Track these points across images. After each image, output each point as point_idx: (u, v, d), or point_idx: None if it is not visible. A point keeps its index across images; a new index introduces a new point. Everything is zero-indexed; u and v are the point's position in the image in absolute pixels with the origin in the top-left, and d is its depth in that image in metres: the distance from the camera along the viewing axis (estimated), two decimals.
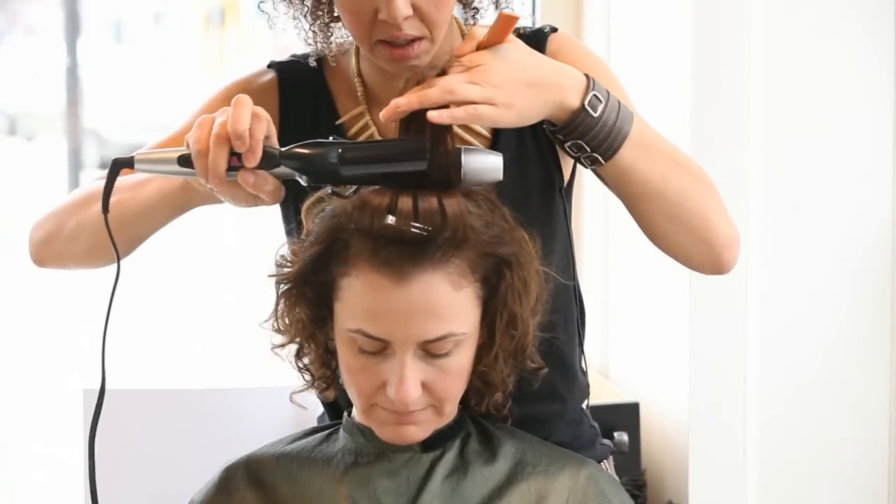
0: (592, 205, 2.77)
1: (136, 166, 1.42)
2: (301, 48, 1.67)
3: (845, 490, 2.43)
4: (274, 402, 2.02)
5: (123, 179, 1.53)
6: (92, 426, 1.42)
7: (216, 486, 1.51)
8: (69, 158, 11.46)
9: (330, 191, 1.41)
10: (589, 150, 1.44)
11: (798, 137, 2.36)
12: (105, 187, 1.42)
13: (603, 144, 1.43)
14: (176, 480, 1.77)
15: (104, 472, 1.43)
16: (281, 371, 1.55)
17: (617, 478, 1.70)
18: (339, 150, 1.38)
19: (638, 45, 2.60)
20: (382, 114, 1.39)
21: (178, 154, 1.40)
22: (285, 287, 1.44)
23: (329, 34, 1.60)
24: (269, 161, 1.37)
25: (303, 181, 1.39)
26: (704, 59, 2.31)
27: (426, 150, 1.37)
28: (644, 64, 2.53)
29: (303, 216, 1.46)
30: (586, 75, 1.44)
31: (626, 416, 2.44)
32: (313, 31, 1.59)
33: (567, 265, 1.63)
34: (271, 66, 1.66)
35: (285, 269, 1.44)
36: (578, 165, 1.55)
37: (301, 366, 1.50)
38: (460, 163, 1.38)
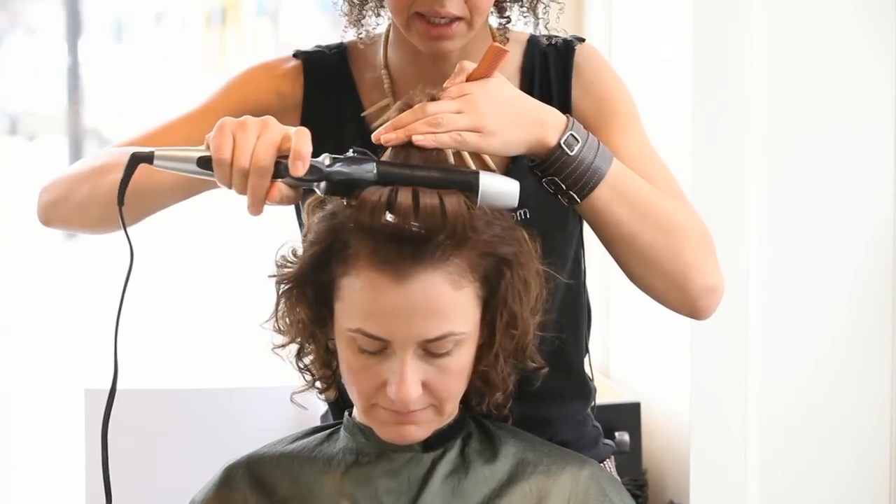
0: None
1: (156, 162, 1.41)
2: (304, 46, 1.67)
3: (846, 490, 2.43)
4: (274, 401, 2.02)
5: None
6: (105, 416, 1.41)
7: (217, 485, 1.51)
8: (70, 158, 11.45)
9: (345, 201, 1.40)
10: (564, 187, 1.45)
11: (799, 138, 2.37)
12: (122, 181, 1.42)
13: (578, 183, 1.45)
14: (177, 480, 1.77)
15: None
16: (281, 371, 1.55)
17: (618, 478, 1.70)
18: (378, 170, 1.38)
19: (639, 47, 2.60)
20: (373, 137, 1.40)
21: (198, 155, 1.39)
22: (285, 287, 1.44)
23: (364, 13, 1.60)
24: (314, 175, 1.37)
25: (319, 190, 1.39)
26: (706, 61, 2.31)
27: (477, 185, 1.38)
28: (645, 66, 2.53)
29: (304, 215, 1.46)
30: (567, 116, 1.46)
31: (627, 415, 2.44)
32: (352, 3, 1.60)
33: (579, 270, 1.64)
34: (296, 54, 1.66)
35: (285, 270, 1.44)
36: None
37: (302, 366, 1.49)
38: (477, 186, 1.39)
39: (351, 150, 1.40)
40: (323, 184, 1.38)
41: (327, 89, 1.63)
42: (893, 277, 2.40)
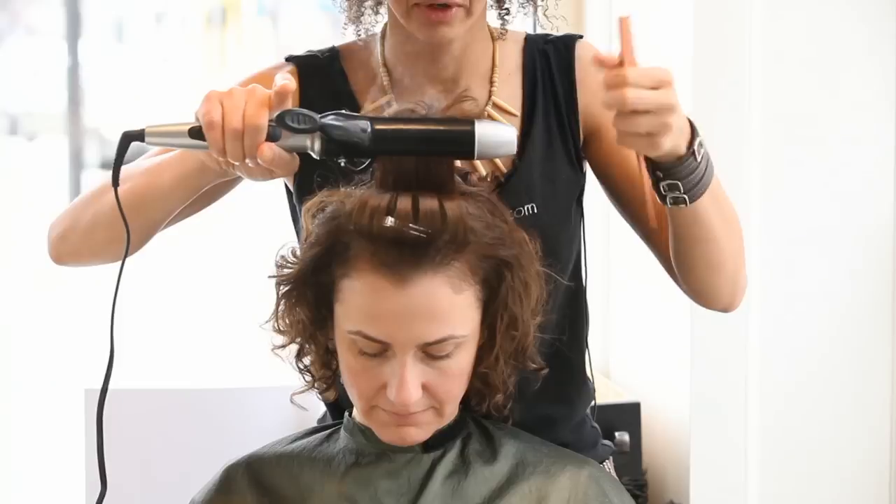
0: (594, 204, 2.77)
1: (147, 139, 1.40)
2: (303, 50, 1.67)
3: (846, 490, 2.43)
4: (274, 401, 2.02)
5: (137, 164, 1.53)
6: (101, 394, 1.41)
7: (217, 485, 1.51)
8: (70, 158, 11.44)
9: (342, 163, 1.39)
10: (682, 191, 1.43)
11: (799, 138, 2.36)
12: (115, 160, 1.41)
13: (694, 188, 1.43)
14: (177, 480, 1.77)
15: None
16: (282, 371, 1.55)
17: (617, 478, 1.70)
18: (372, 127, 1.37)
19: (639, 46, 2.60)
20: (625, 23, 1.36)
21: (188, 126, 1.38)
22: (285, 288, 1.44)
23: (362, 11, 1.60)
24: (307, 125, 1.36)
25: (315, 154, 1.38)
26: (706, 61, 2.31)
27: (473, 135, 1.36)
28: (645, 64, 2.52)
29: (303, 217, 1.45)
30: (689, 119, 1.42)
31: (627, 415, 2.44)
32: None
33: (580, 269, 1.64)
34: (289, 59, 1.66)
35: (285, 270, 1.44)
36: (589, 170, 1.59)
37: (302, 367, 1.49)
38: (473, 134, 1.37)
39: (344, 110, 1.39)
40: (318, 144, 1.37)
41: (323, 92, 1.63)
42: (893, 277, 2.40)
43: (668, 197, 1.44)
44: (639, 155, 1.40)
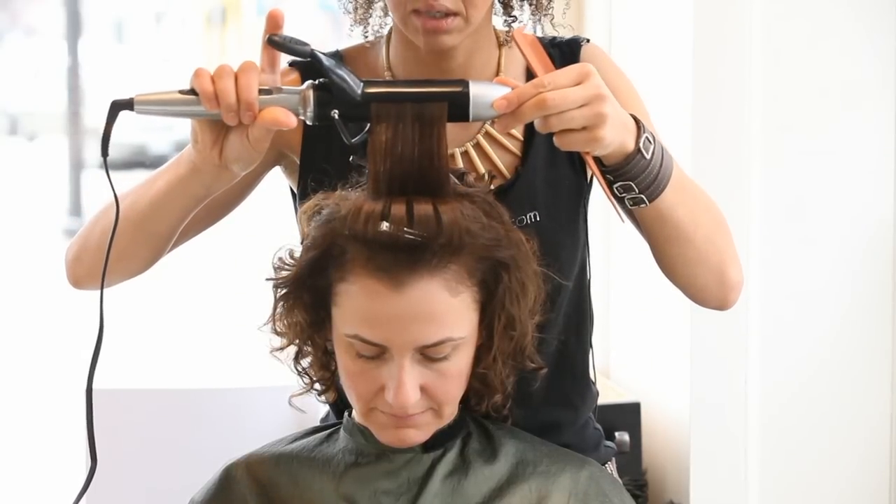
0: (594, 204, 2.77)
1: (137, 108, 1.39)
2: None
3: (846, 490, 2.43)
4: (274, 401, 2.02)
5: (132, 182, 1.53)
6: (93, 362, 1.40)
7: (216, 485, 1.51)
8: (70, 158, 11.43)
9: (336, 116, 1.38)
10: (637, 191, 1.43)
11: (799, 136, 2.37)
12: (104, 130, 1.40)
13: (650, 186, 1.43)
14: (176, 480, 1.77)
15: (104, 471, 1.43)
16: (281, 371, 1.55)
17: (619, 479, 1.70)
18: (364, 89, 1.36)
19: (639, 45, 2.60)
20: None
21: (178, 89, 1.37)
22: (283, 291, 1.44)
23: (370, 13, 1.60)
24: (300, 46, 1.35)
25: (308, 119, 1.37)
26: (705, 59, 2.31)
27: (467, 98, 1.35)
28: (645, 64, 2.53)
29: (298, 221, 1.45)
30: (633, 116, 1.42)
31: (627, 415, 2.44)
32: (358, 2, 1.60)
33: (585, 273, 1.64)
34: (292, 65, 1.65)
35: (283, 273, 1.44)
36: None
37: (300, 369, 1.49)
38: (468, 95, 1.36)
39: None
40: (310, 109, 1.36)
41: None
42: (893, 277, 2.40)
43: (625, 198, 1.44)
44: (585, 155, 1.40)
